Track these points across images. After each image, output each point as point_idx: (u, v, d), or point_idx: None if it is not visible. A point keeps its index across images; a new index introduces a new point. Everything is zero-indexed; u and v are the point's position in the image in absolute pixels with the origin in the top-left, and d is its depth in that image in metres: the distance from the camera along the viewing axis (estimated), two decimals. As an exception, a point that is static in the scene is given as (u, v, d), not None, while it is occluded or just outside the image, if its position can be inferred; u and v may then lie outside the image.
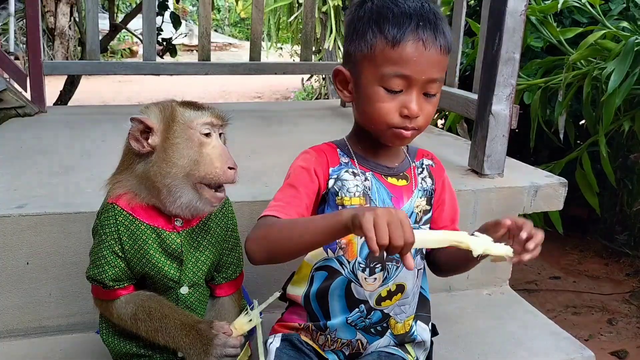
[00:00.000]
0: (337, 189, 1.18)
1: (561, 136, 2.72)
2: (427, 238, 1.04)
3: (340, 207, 1.17)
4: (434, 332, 1.36)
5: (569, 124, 2.78)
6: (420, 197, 1.24)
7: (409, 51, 1.07)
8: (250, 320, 1.16)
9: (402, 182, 1.23)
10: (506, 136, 1.86)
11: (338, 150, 1.24)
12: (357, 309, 1.20)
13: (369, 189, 1.19)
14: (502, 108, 1.82)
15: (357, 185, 1.18)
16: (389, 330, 1.23)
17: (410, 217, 1.21)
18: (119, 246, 1.19)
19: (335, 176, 1.19)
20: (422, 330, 1.30)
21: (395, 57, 1.08)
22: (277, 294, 1.17)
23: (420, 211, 1.23)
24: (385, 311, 1.21)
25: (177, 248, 1.21)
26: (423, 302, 1.30)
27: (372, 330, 1.22)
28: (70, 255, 1.55)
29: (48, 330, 1.59)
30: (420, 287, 1.28)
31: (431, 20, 1.09)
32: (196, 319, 1.19)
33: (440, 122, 3.94)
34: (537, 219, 2.77)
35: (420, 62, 1.08)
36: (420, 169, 1.27)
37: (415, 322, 1.28)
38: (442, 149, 2.31)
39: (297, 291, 1.26)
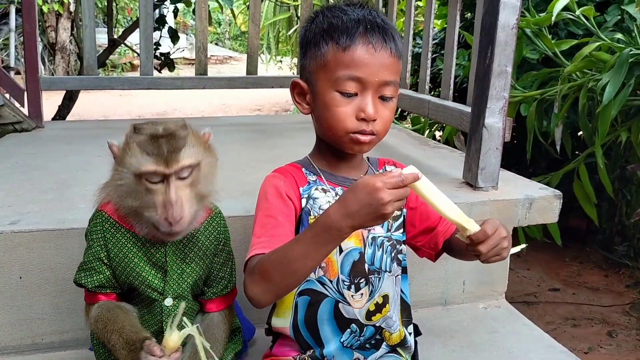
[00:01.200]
0: (309, 208, 1.17)
1: (558, 148, 2.71)
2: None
3: None
4: (417, 332, 1.35)
5: (566, 136, 2.78)
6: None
7: (359, 53, 1.10)
8: (181, 332, 1.06)
9: None
10: (500, 149, 1.86)
11: (303, 169, 1.23)
12: (348, 330, 1.19)
13: None
14: (495, 121, 1.82)
15: (328, 202, 1.18)
16: (384, 342, 1.23)
17: (382, 225, 1.22)
18: (105, 253, 1.20)
19: (307, 195, 1.19)
20: (410, 337, 1.29)
21: (347, 60, 1.11)
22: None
23: (390, 218, 1.20)
24: (377, 324, 1.21)
25: (161, 257, 1.21)
26: (405, 307, 1.29)
27: (367, 345, 1.22)
28: (63, 272, 1.55)
29: (41, 347, 1.58)
30: (401, 291, 1.28)
31: (379, 25, 1.13)
32: (142, 337, 1.12)
33: (438, 134, 3.95)
34: (536, 230, 2.76)
35: (371, 64, 1.10)
36: None
37: (405, 328, 1.27)
38: (438, 162, 2.31)
39: (284, 322, 1.22)
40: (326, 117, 1.15)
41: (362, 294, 1.19)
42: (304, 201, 1.18)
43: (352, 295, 1.18)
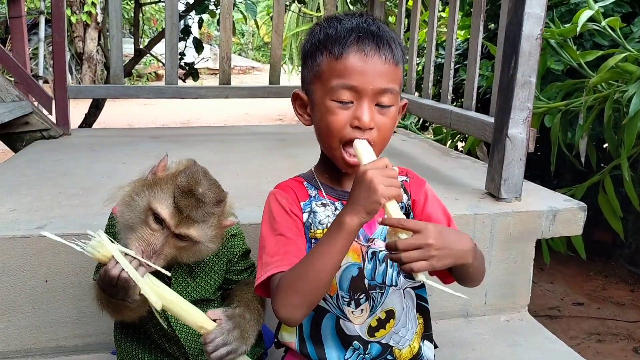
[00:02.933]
0: (310, 222, 1.17)
1: (583, 160, 2.68)
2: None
3: (313, 240, 1.16)
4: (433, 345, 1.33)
5: (591, 148, 2.74)
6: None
7: (352, 62, 1.09)
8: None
9: None
10: (523, 160, 1.84)
11: (305, 183, 1.23)
12: (351, 347, 1.18)
13: None
14: (519, 131, 1.81)
15: (328, 217, 1.17)
16: None
17: (385, 239, 1.19)
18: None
19: (308, 209, 1.18)
20: (427, 350, 1.28)
21: (340, 69, 1.09)
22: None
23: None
24: (383, 341, 1.20)
25: (165, 267, 1.22)
26: (427, 319, 1.28)
27: None
28: (87, 276, 1.57)
29: (65, 350, 1.61)
30: (419, 299, 1.26)
31: (373, 32, 1.11)
32: None
33: (460, 144, 3.93)
34: (560, 243, 2.72)
35: (365, 72, 1.09)
36: None
37: (423, 342, 1.26)
38: (460, 172, 2.30)
39: (290, 337, 1.23)
40: (322, 126, 1.14)
41: (362, 309, 1.18)
42: (305, 215, 1.18)
43: (352, 312, 1.18)
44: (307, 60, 1.17)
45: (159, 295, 1.09)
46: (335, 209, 1.19)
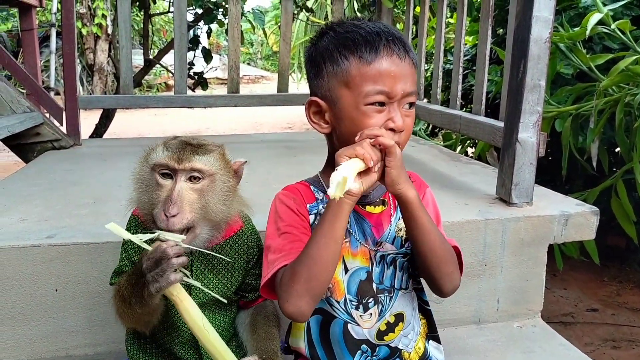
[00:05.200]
0: (317, 225, 1.14)
1: (594, 164, 2.65)
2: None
3: None
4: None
5: (602, 152, 2.72)
6: (400, 219, 1.20)
7: (385, 65, 1.09)
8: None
9: (380, 209, 1.21)
10: (534, 164, 1.83)
11: (311, 187, 1.22)
12: (359, 351, 1.18)
13: (348, 223, 1.16)
14: (529, 135, 1.79)
15: None
16: None
17: (394, 242, 1.19)
18: (137, 256, 1.23)
19: (315, 212, 1.18)
20: (435, 350, 1.27)
21: (373, 73, 1.09)
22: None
23: (403, 233, 1.20)
24: (392, 345, 1.19)
25: (185, 267, 1.22)
26: (429, 319, 1.27)
27: None
28: (97, 285, 1.58)
29: (75, 359, 1.61)
30: (420, 301, 1.25)
31: (397, 36, 1.12)
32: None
33: (470, 150, 3.91)
34: (573, 248, 2.69)
35: (397, 75, 1.09)
36: None
37: (428, 342, 1.25)
38: (470, 177, 2.28)
39: (300, 343, 1.23)
40: (354, 132, 1.10)
41: (371, 314, 1.17)
42: (312, 217, 1.18)
43: (360, 316, 1.17)
44: (325, 66, 1.14)
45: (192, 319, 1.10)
46: None
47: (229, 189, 1.19)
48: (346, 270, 1.17)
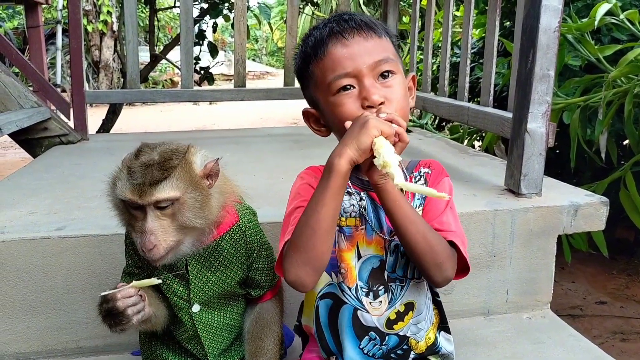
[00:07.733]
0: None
1: (603, 156, 2.63)
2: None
3: (337, 229, 1.16)
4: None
5: (611, 143, 2.70)
6: (418, 207, 1.20)
7: (335, 51, 1.10)
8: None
9: None
10: (543, 154, 1.82)
11: None
12: (367, 337, 1.18)
13: (365, 210, 1.17)
14: (538, 126, 1.78)
15: (352, 205, 1.17)
16: (412, 352, 1.21)
17: None
18: (138, 256, 1.25)
19: None
20: (445, 341, 1.27)
21: (328, 63, 1.11)
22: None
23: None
24: (401, 333, 1.19)
25: (180, 266, 1.22)
26: (441, 310, 1.27)
27: (392, 355, 1.19)
28: (107, 276, 1.58)
29: (85, 351, 1.62)
30: (431, 292, 1.25)
31: (344, 19, 1.13)
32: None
33: (477, 143, 3.89)
34: (581, 241, 2.68)
35: (352, 54, 1.09)
36: (417, 178, 1.23)
37: (439, 333, 1.25)
38: (478, 169, 2.27)
39: (310, 322, 1.26)
40: (338, 122, 1.12)
41: (380, 301, 1.17)
42: None
43: (370, 303, 1.17)
44: (304, 80, 1.20)
45: None
46: (360, 198, 1.18)
47: (202, 200, 1.14)
48: (359, 256, 1.17)
